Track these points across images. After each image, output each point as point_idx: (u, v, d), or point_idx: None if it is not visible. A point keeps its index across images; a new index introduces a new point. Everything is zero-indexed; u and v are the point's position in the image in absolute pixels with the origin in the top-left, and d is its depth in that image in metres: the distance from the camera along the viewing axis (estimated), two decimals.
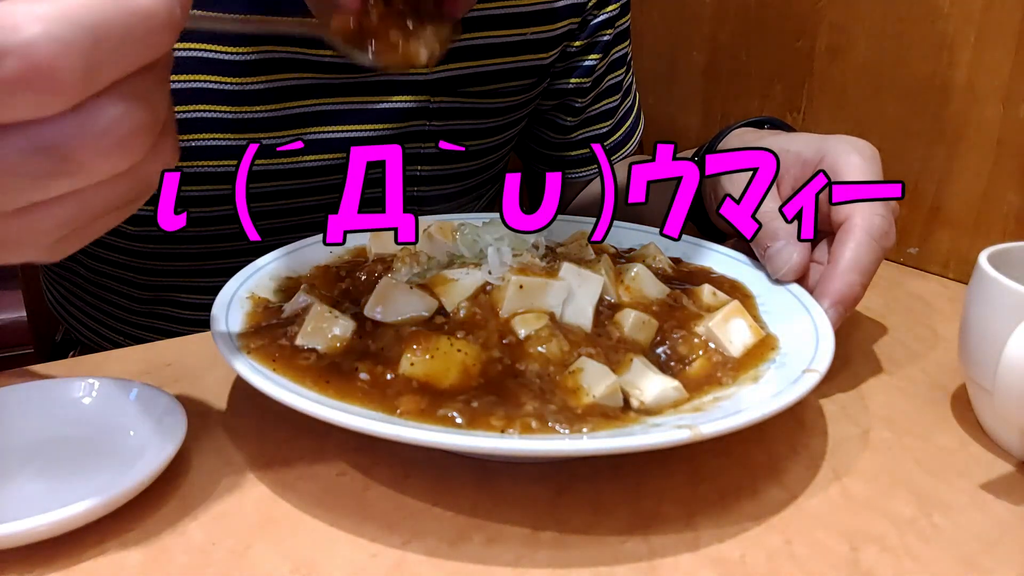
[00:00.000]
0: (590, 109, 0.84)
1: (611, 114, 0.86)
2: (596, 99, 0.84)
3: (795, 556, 0.39)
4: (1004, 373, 0.41)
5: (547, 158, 0.88)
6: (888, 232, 0.53)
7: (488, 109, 0.75)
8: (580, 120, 0.84)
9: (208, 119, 0.64)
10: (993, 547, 0.40)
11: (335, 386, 0.43)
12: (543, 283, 0.48)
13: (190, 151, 0.64)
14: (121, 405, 0.46)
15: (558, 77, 0.81)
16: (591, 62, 0.81)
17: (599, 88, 0.84)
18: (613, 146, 0.87)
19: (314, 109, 0.67)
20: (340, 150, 0.68)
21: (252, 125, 0.65)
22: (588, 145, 0.85)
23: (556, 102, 0.83)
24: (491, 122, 0.76)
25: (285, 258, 0.58)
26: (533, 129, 0.86)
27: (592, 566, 0.38)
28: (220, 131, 0.64)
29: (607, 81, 0.84)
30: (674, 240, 0.57)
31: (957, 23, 0.71)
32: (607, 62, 0.83)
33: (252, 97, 0.64)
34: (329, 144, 0.68)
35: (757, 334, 0.50)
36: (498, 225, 0.54)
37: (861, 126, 0.80)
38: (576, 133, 0.85)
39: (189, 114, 0.63)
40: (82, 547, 0.38)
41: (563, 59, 0.80)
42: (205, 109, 0.63)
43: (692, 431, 0.38)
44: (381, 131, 0.69)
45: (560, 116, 0.84)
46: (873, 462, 0.46)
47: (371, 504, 0.42)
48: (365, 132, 0.69)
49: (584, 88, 0.82)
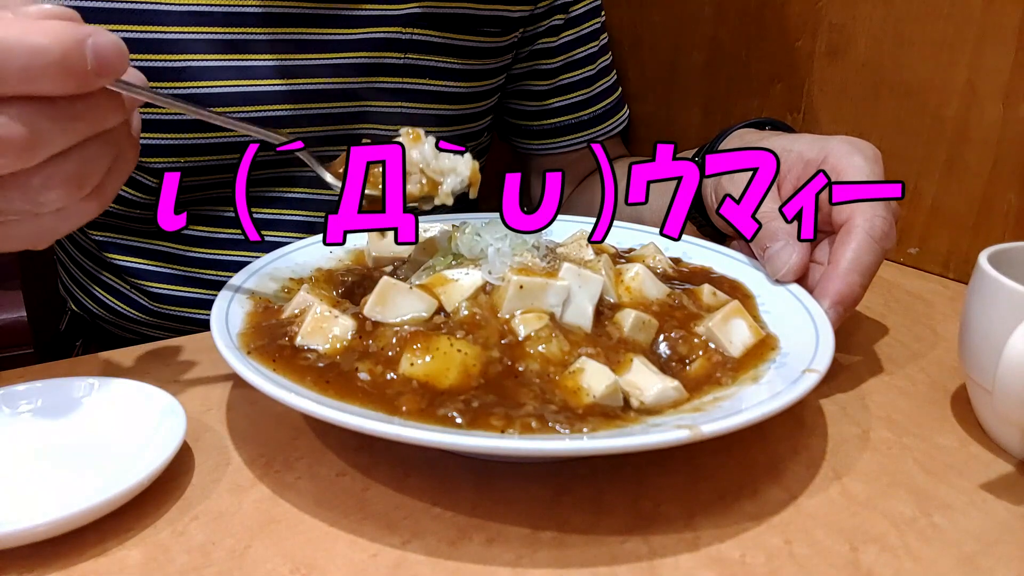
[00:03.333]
0: (562, 78, 0.87)
1: (587, 83, 0.88)
2: (568, 67, 0.87)
3: (795, 556, 0.39)
4: (1004, 373, 0.41)
5: (528, 131, 0.91)
6: (889, 233, 0.53)
7: (462, 47, 0.76)
8: (553, 86, 0.87)
9: (201, 40, 0.66)
10: (993, 547, 0.40)
11: (335, 386, 0.43)
12: (543, 283, 0.48)
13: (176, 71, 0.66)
14: (121, 405, 0.46)
15: (527, 41, 0.84)
16: (558, 22, 0.84)
17: (570, 56, 0.86)
18: (592, 118, 0.90)
19: (294, 37, 0.69)
20: (320, 76, 0.70)
21: (240, 46, 0.67)
22: (565, 112, 0.88)
23: (527, 67, 0.86)
24: (468, 64, 0.77)
25: (285, 258, 0.58)
26: (510, 104, 0.89)
27: (592, 566, 0.38)
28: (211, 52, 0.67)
29: (578, 52, 0.87)
30: (674, 240, 0.57)
31: (957, 23, 0.71)
32: (577, 33, 0.86)
33: (242, 19, 0.67)
34: (310, 70, 0.70)
35: (757, 334, 0.50)
36: (498, 225, 0.54)
37: (861, 126, 0.80)
38: (551, 100, 0.88)
39: (181, 35, 0.66)
40: (82, 547, 0.38)
41: (532, 21, 0.83)
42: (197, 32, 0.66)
43: (692, 431, 0.38)
44: (358, 59, 0.71)
45: (532, 83, 0.87)
46: (873, 462, 0.46)
47: (371, 504, 0.42)
48: (343, 59, 0.71)
49: (551, 48, 0.85)
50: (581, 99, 0.88)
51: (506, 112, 0.90)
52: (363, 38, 0.71)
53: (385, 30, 0.72)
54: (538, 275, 0.49)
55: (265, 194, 0.74)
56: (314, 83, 0.71)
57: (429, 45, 0.74)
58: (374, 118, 0.74)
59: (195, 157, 0.69)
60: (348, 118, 0.73)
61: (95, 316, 0.82)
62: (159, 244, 0.74)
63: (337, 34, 0.70)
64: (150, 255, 0.75)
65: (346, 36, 0.71)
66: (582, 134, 0.90)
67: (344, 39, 0.71)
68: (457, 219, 0.63)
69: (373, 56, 0.72)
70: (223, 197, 0.72)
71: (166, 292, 0.75)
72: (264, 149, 0.66)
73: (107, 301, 0.79)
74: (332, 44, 0.70)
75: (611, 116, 0.91)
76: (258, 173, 0.72)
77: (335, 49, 0.71)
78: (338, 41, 0.70)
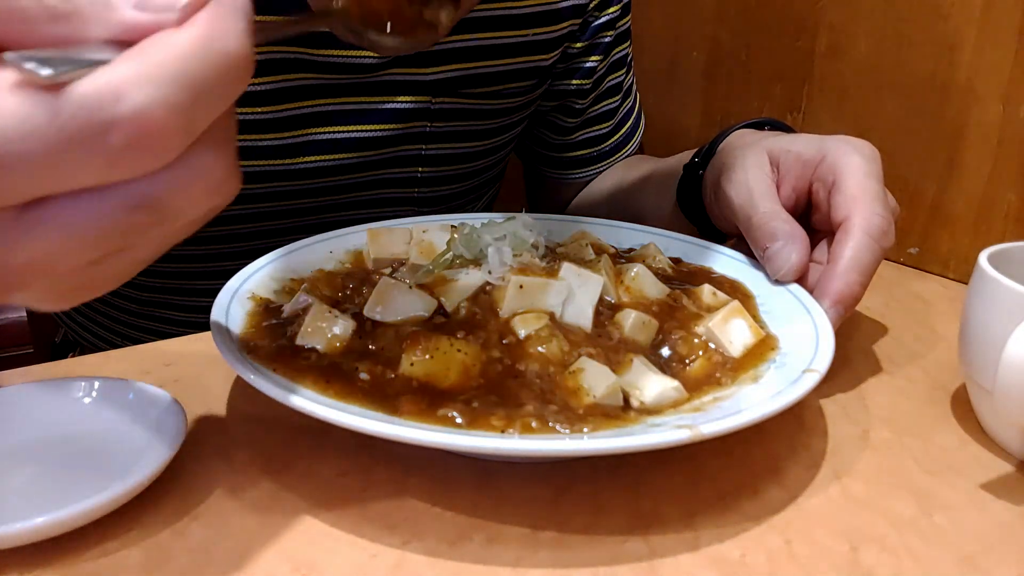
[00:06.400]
0: (590, 110, 0.85)
1: (611, 115, 0.86)
2: (596, 100, 0.84)
3: (795, 556, 0.39)
4: (1004, 373, 0.41)
5: (548, 159, 0.88)
6: (888, 232, 0.53)
7: (489, 110, 0.75)
8: (580, 121, 0.85)
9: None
10: (993, 547, 0.40)
11: (335, 386, 0.43)
12: (543, 283, 0.48)
13: None
14: (121, 405, 0.46)
15: (559, 78, 0.81)
16: (592, 63, 0.81)
17: (599, 89, 0.84)
18: (613, 147, 0.87)
19: (316, 110, 0.67)
20: (340, 151, 0.68)
21: (254, 127, 0.65)
22: (588, 145, 0.86)
23: (557, 103, 0.83)
24: (492, 123, 0.76)
25: (285, 258, 0.58)
26: (534, 130, 0.87)
27: (592, 566, 0.38)
28: None
29: (607, 82, 0.84)
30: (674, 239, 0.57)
31: (957, 23, 0.71)
32: (607, 63, 0.83)
33: (254, 99, 0.64)
34: (330, 145, 0.68)
35: (757, 334, 0.50)
36: (498, 225, 0.54)
37: (861, 126, 0.80)
38: (577, 134, 0.85)
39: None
40: (82, 547, 0.38)
41: (564, 60, 0.80)
42: None
43: (692, 431, 0.38)
44: (382, 131, 0.69)
45: (561, 117, 0.85)
46: (873, 462, 0.46)
47: (371, 504, 0.42)
48: (366, 133, 0.69)
49: (585, 89, 0.82)
50: (605, 132, 0.86)
51: (528, 138, 0.88)
52: (392, 108, 0.69)
53: (414, 99, 0.69)
54: (538, 275, 0.49)
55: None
56: (337, 159, 0.68)
57: (455, 112, 0.72)
58: (390, 183, 0.73)
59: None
60: (363, 186, 0.72)
61: (84, 336, 0.82)
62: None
63: (370, 103, 0.68)
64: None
65: (378, 105, 0.68)
66: (603, 164, 0.88)
67: (376, 108, 0.68)
68: (457, 219, 0.63)
69: (399, 128, 0.70)
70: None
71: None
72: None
73: (95, 327, 0.80)
74: (364, 114, 0.68)
75: (630, 139, 0.89)
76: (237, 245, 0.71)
77: (365, 120, 0.68)
78: (370, 111, 0.68)
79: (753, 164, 0.59)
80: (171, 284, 0.73)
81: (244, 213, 0.68)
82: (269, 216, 0.70)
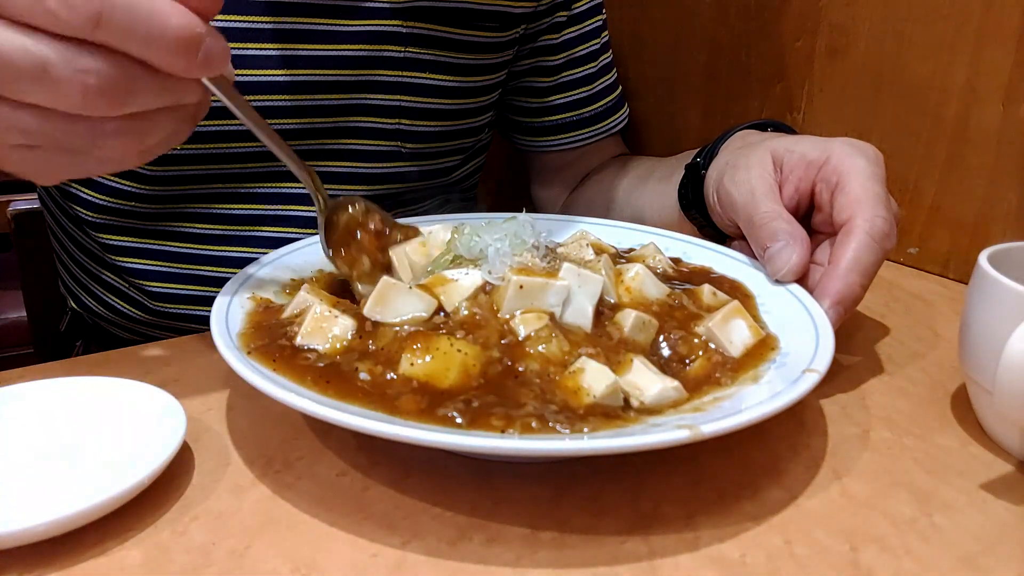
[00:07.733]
0: (564, 74, 0.87)
1: (588, 80, 0.88)
2: (570, 64, 0.87)
3: (795, 556, 0.39)
4: (1004, 373, 0.41)
5: (527, 127, 0.91)
6: (889, 233, 0.53)
7: (463, 41, 0.76)
8: (555, 83, 0.87)
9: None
10: (993, 547, 0.40)
11: (335, 386, 0.43)
12: (543, 283, 0.48)
13: None
14: (121, 405, 0.46)
15: (530, 38, 0.84)
16: (560, 19, 0.85)
17: (572, 53, 0.86)
18: (593, 115, 0.90)
19: (295, 27, 0.69)
20: (319, 67, 0.70)
21: (245, 35, 0.67)
22: (566, 110, 0.89)
23: (529, 64, 0.86)
24: (468, 58, 0.77)
25: (285, 258, 0.58)
26: (511, 100, 0.89)
27: (592, 566, 0.38)
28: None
29: (580, 49, 0.87)
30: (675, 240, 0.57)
31: (957, 23, 0.71)
32: (579, 30, 0.86)
33: (244, 8, 0.67)
34: (306, 61, 0.70)
35: (757, 334, 0.50)
36: (498, 225, 0.54)
37: (861, 126, 0.80)
38: (552, 97, 0.88)
39: None
40: (82, 547, 0.38)
41: (534, 18, 0.82)
42: None
43: (692, 431, 0.38)
44: (354, 51, 0.71)
45: (534, 80, 0.87)
46: (873, 462, 0.46)
47: (371, 504, 0.42)
48: (342, 51, 0.71)
49: (553, 45, 0.85)
50: (582, 96, 0.89)
51: (507, 109, 0.91)
52: (365, 30, 0.71)
53: (386, 23, 0.72)
54: (538, 275, 0.49)
55: (272, 191, 0.74)
56: (316, 74, 0.71)
57: (429, 39, 0.74)
58: (374, 111, 0.74)
59: (196, 144, 0.69)
60: (348, 110, 0.73)
61: (95, 315, 0.82)
62: (159, 244, 0.74)
63: (340, 25, 0.70)
64: (151, 255, 0.75)
65: (349, 28, 0.71)
66: (583, 131, 0.90)
67: (347, 31, 0.71)
68: (457, 219, 0.63)
69: (374, 49, 0.72)
70: (222, 194, 0.72)
71: (167, 291, 0.75)
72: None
73: (108, 300, 0.79)
74: (335, 35, 0.70)
75: (612, 114, 0.91)
76: (268, 165, 0.72)
77: (338, 40, 0.71)
78: (341, 32, 0.71)
79: (756, 164, 0.59)
80: (187, 208, 0.74)
81: (239, 130, 0.69)
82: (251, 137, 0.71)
